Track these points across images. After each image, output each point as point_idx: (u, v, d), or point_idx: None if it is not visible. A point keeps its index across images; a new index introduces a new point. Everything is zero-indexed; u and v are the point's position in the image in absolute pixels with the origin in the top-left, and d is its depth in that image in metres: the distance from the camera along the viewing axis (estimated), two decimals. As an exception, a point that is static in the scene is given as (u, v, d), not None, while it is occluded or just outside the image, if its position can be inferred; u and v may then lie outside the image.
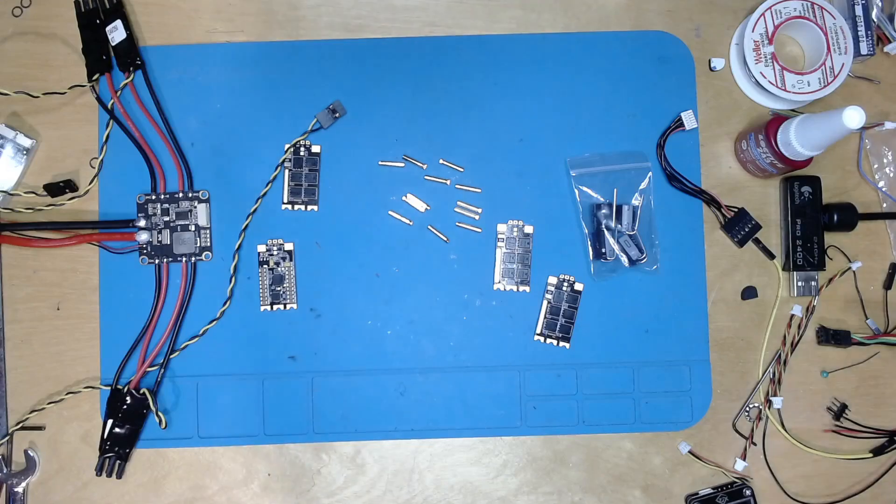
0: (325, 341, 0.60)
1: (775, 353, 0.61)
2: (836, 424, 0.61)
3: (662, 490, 0.60)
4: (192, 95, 0.61)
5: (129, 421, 0.58)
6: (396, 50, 0.61)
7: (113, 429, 0.58)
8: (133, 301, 0.59)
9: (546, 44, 0.62)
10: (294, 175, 0.60)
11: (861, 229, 0.61)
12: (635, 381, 0.60)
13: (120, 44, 0.60)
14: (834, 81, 0.59)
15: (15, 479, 0.59)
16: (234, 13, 0.62)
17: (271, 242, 0.60)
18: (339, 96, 0.61)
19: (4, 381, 0.59)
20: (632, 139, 0.61)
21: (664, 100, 0.61)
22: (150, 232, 0.60)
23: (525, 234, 0.60)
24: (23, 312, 0.60)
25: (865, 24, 0.60)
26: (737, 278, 0.61)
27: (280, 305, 0.60)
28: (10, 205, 0.60)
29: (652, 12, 0.62)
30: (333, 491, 0.60)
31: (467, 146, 0.61)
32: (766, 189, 0.62)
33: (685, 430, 0.60)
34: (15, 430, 0.59)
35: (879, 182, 0.62)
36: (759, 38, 0.59)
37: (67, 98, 0.60)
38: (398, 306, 0.60)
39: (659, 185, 0.61)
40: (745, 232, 0.60)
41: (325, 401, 0.59)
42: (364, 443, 0.60)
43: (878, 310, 0.62)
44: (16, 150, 0.60)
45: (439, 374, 0.60)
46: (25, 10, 0.61)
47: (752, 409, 0.60)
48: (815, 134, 0.54)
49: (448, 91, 0.61)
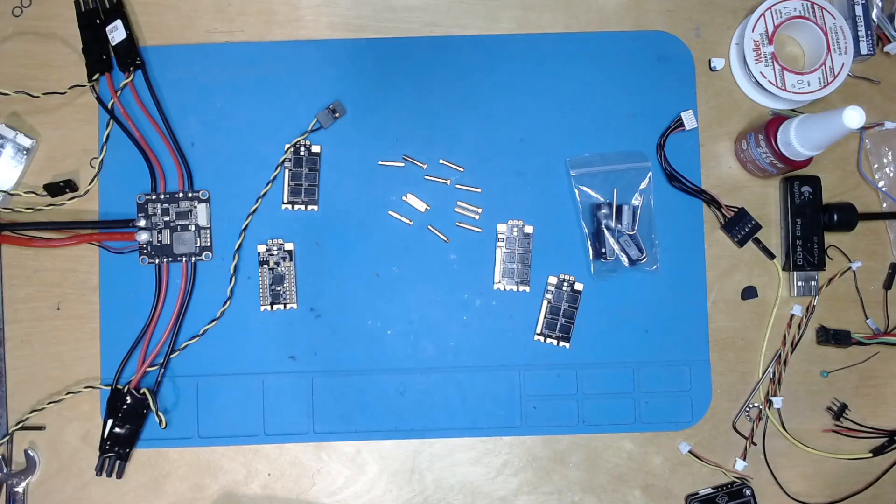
0: (325, 341, 0.60)
1: (775, 353, 0.61)
2: (836, 424, 0.61)
3: (662, 490, 0.60)
4: (192, 95, 0.61)
5: (129, 421, 0.58)
6: (396, 50, 0.61)
7: (113, 429, 0.58)
8: (133, 301, 0.59)
9: (546, 44, 0.62)
10: (294, 175, 0.60)
11: (861, 229, 0.61)
12: (635, 381, 0.60)
13: (120, 44, 0.60)
14: (834, 81, 0.59)
15: (15, 479, 0.59)
16: (233, 13, 0.62)
17: (271, 242, 0.60)
18: (339, 96, 0.61)
19: (4, 381, 0.59)
20: (632, 139, 0.61)
21: (664, 100, 0.61)
22: (150, 232, 0.60)
23: (525, 233, 0.60)
24: (23, 312, 0.60)
25: (865, 24, 0.60)
26: (737, 278, 0.61)
27: (280, 305, 0.60)
28: (11, 205, 0.60)
29: (652, 12, 0.62)
30: (333, 491, 0.60)
31: (467, 146, 0.61)
32: (766, 189, 0.62)
33: (685, 430, 0.60)
34: (15, 430, 0.59)
35: (879, 182, 0.62)
36: (759, 38, 0.59)
37: (67, 98, 0.60)
38: (398, 306, 0.60)
39: (659, 185, 0.61)
40: (745, 232, 0.60)
41: (325, 401, 0.59)
42: (364, 443, 0.60)
43: (878, 310, 0.62)
44: (16, 149, 0.60)
45: (439, 374, 0.60)
46: (25, 10, 0.61)
47: (752, 408, 0.60)
48: (815, 134, 0.54)
49: (448, 91, 0.61)
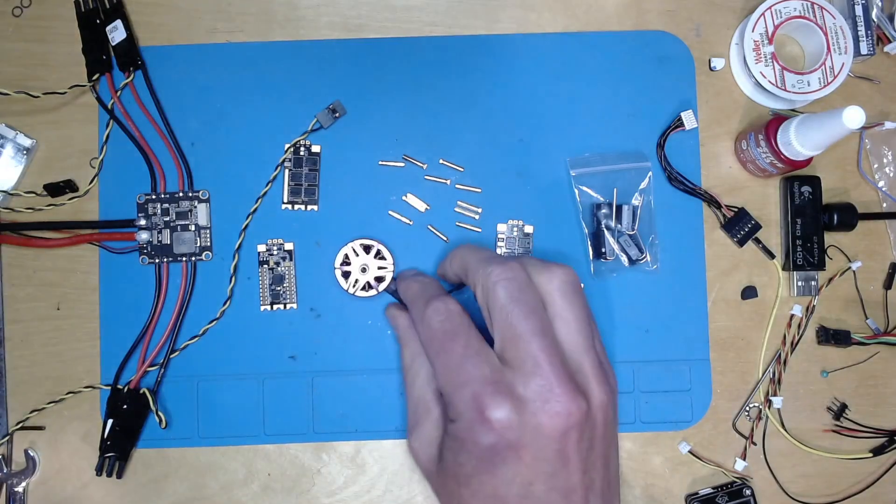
0: (325, 341, 0.60)
1: (775, 353, 0.61)
2: (836, 424, 0.61)
3: (662, 490, 0.60)
4: (192, 95, 0.61)
5: (129, 421, 0.58)
6: (396, 50, 0.61)
7: (113, 429, 0.58)
8: (133, 301, 0.59)
9: (546, 44, 0.62)
10: (294, 175, 0.60)
11: (861, 229, 0.61)
12: (635, 381, 0.60)
13: (120, 44, 0.60)
14: (834, 81, 0.59)
15: (15, 479, 0.59)
16: (233, 13, 0.62)
17: (271, 242, 0.60)
18: (339, 96, 0.61)
19: (4, 381, 0.59)
20: (632, 139, 0.61)
21: (664, 100, 0.61)
22: (150, 232, 0.60)
23: (525, 233, 0.60)
24: (23, 312, 0.60)
25: (865, 24, 0.60)
26: (737, 278, 0.61)
27: (280, 305, 0.60)
28: (10, 205, 0.60)
29: (652, 12, 0.62)
30: (333, 491, 0.60)
31: (467, 146, 0.61)
32: (766, 189, 0.62)
33: (685, 430, 0.60)
34: (15, 430, 0.59)
35: (879, 182, 0.62)
36: (759, 38, 0.59)
37: (67, 98, 0.60)
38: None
39: (659, 185, 0.61)
40: (745, 232, 0.60)
41: (324, 401, 0.59)
42: (364, 443, 0.60)
43: (878, 310, 0.62)
44: (16, 149, 0.60)
45: (439, 373, 0.60)
46: (25, 10, 0.61)
47: (752, 408, 0.60)
48: (815, 134, 0.54)
49: (448, 91, 0.61)
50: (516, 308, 0.44)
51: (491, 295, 0.45)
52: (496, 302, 0.45)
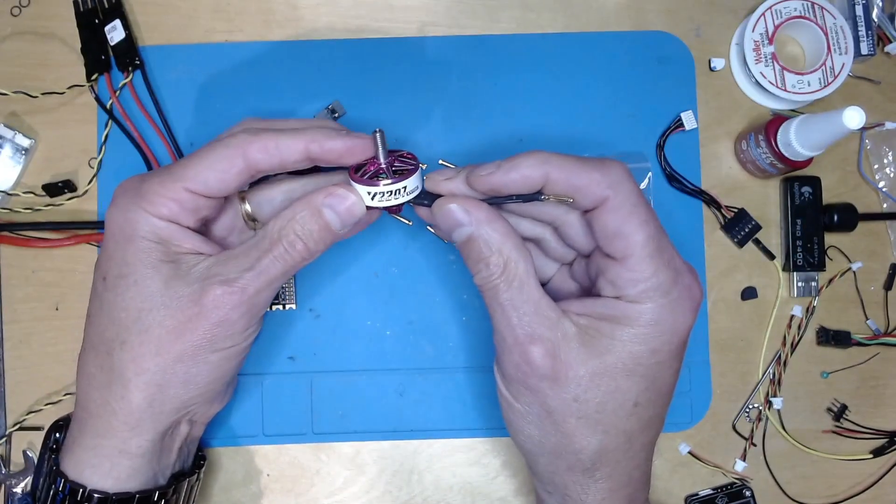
0: (324, 341, 0.60)
1: (775, 354, 0.61)
2: (836, 425, 0.61)
3: (662, 490, 0.60)
4: (192, 95, 0.61)
5: (127, 421, 0.58)
6: (396, 50, 0.61)
7: (112, 429, 0.58)
8: (132, 301, 0.59)
9: (546, 44, 0.62)
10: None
11: (861, 229, 0.61)
12: (635, 382, 0.60)
13: (119, 43, 0.60)
14: (834, 81, 0.59)
15: (13, 480, 0.59)
16: (233, 13, 0.62)
17: (270, 242, 0.60)
18: (338, 96, 0.61)
19: (3, 381, 0.59)
20: (632, 139, 0.61)
21: (664, 100, 0.61)
22: (149, 232, 0.59)
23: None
24: (21, 312, 0.60)
25: (866, 24, 0.60)
26: (737, 278, 0.61)
27: (279, 305, 0.60)
28: (9, 205, 0.60)
29: (652, 12, 0.62)
30: (333, 491, 0.59)
31: (467, 146, 0.61)
32: (766, 189, 0.62)
33: (685, 430, 0.60)
34: (13, 431, 0.59)
35: (880, 182, 0.62)
36: (759, 38, 0.59)
37: (66, 98, 0.60)
38: (397, 306, 0.60)
39: (659, 186, 0.61)
40: (745, 232, 0.60)
41: (324, 401, 0.59)
42: (363, 443, 0.60)
43: (879, 310, 0.62)
44: (14, 149, 0.60)
45: (439, 374, 0.60)
46: (24, 10, 0.61)
47: (752, 409, 0.60)
48: (815, 134, 0.54)
49: (448, 91, 0.61)
50: (646, 204, 0.47)
51: (625, 189, 0.46)
52: (629, 198, 0.46)
